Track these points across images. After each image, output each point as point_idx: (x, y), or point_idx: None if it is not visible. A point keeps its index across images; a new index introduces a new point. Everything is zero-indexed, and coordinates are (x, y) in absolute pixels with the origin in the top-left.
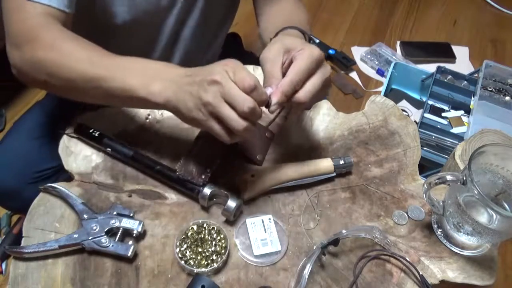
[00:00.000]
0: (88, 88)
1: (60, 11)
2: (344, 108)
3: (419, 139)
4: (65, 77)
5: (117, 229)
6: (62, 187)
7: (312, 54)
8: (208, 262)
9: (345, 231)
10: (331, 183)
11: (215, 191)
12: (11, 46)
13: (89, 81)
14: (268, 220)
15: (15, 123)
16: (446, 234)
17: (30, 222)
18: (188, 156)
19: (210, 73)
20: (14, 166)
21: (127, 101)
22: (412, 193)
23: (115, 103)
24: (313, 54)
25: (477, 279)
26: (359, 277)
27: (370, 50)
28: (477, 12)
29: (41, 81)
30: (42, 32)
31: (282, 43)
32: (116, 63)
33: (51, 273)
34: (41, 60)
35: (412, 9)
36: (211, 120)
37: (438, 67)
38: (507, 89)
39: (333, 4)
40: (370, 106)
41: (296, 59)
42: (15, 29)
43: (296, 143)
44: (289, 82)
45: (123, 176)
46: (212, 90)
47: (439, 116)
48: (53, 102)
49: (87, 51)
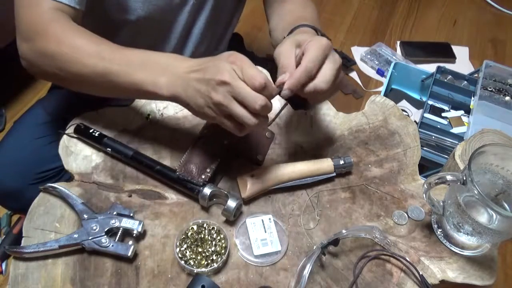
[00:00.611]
0: (97, 82)
1: (70, 7)
2: (344, 108)
3: (419, 139)
4: (75, 71)
5: (117, 229)
6: (62, 187)
7: (321, 43)
8: (208, 262)
9: (345, 231)
10: (331, 183)
11: (215, 191)
12: (22, 39)
13: (99, 75)
14: (268, 220)
15: (16, 122)
16: (446, 234)
17: (30, 222)
18: (188, 156)
19: (218, 72)
20: (16, 166)
21: (136, 94)
22: (412, 193)
23: (124, 95)
24: (322, 43)
25: (477, 279)
26: (359, 277)
27: (370, 50)
28: (477, 12)
29: (51, 74)
30: (53, 26)
31: (294, 39)
32: (126, 57)
33: (51, 273)
34: (51, 53)
35: (412, 9)
36: (221, 117)
37: (438, 67)
38: (507, 89)
39: (333, 4)
40: (370, 106)
41: (307, 49)
42: (26, 22)
43: (296, 143)
44: (303, 69)
45: (123, 176)
46: (221, 90)
47: (439, 116)
48: (54, 101)
49: (97, 45)
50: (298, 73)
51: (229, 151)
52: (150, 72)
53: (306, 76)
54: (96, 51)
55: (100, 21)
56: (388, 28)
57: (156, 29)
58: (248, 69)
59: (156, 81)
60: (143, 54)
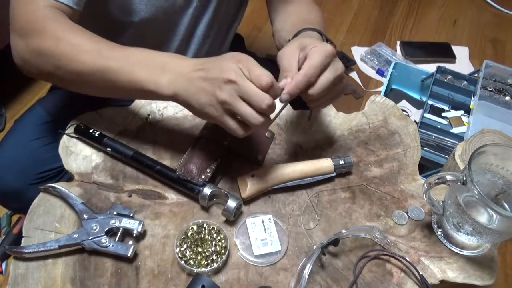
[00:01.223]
0: (96, 80)
1: (68, 7)
2: (344, 108)
3: (419, 139)
4: (73, 68)
5: (117, 229)
6: (62, 187)
7: (325, 50)
8: (208, 262)
9: (345, 231)
10: (331, 183)
11: (215, 191)
12: (17, 37)
13: (97, 72)
14: (268, 220)
15: (16, 122)
16: (446, 234)
17: (30, 222)
18: (188, 156)
19: (224, 71)
20: (16, 166)
21: (135, 93)
22: (412, 193)
23: (122, 95)
24: (326, 50)
25: (477, 279)
26: (359, 277)
27: (370, 50)
28: (477, 12)
29: (47, 73)
30: (50, 24)
31: (299, 42)
32: (125, 55)
33: (51, 273)
34: (49, 51)
35: (412, 9)
36: (225, 116)
37: (438, 67)
38: (507, 89)
39: (333, 4)
40: (370, 106)
41: (310, 55)
42: (22, 20)
43: (296, 143)
44: (302, 74)
45: (123, 176)
46: (227, 89)
47: (439, 116)
48: (54, 101)
49: (96, 43)
50: (298, 78)
51: (229, 151)
52: (151, 71)
53: (306, 81)
54: (95, 49)
55: (103, 23)
56: (388, 28)
57: (159, 31)
58: (255, 68)
59: (157, 80)
60: (144, 52)
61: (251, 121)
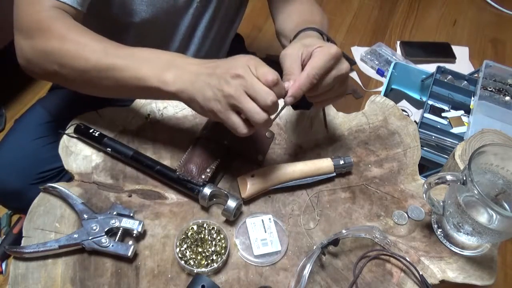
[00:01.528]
0: (100, 78)
1: (72, 7)
2: (344, 108)
3: (419, 139)
4: (78, 66)
5: (117, 229)
6: (62, 187)
7: (330, 51)
8: (208, 262)
9: (345, 231)
10: (331, 183)
11: (215, 191)
12: (22, 37)
13: (102, 70)
14: (268, 220)
15: (16, 122)
16: (446, 234)
17: (30, 222)
18: (188, 156)
19: (233, 67)
20: (16, 166)
21: (139, 91)
22: (412, 193)
23: (126, 94)
24: (330, 51)
25: (477, 279)
26: (359, 277)
27: (370, 50)
28: (477, 12)
29: (51, 72)
30: (55, 24)
31: (302, 43)
32: (130, 53)
33: (51, 273)
34: (54, 50)
35: (412, 9)
36: (229, 112)
37: (438, 67)
38: (507, 89)
39: (333, 4)
40: (370, 106)
41: (313, 56)
42: (27, 20)
43: (296, 143)
44: (305, 76)
45: (123, 176)
46: (234, 83)
47: (439, 116)
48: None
49: (101, 42)
50: (301, 81)
51: (229, 151)
52: (156, 68)
53: (309, 83)
54: (100, 47)
55: (105, 24)
56: (388, 28)
57: (160, 31)
58: (262, 66)
59: (162, 76)
60: (149, 51)
61: (255, 117)
